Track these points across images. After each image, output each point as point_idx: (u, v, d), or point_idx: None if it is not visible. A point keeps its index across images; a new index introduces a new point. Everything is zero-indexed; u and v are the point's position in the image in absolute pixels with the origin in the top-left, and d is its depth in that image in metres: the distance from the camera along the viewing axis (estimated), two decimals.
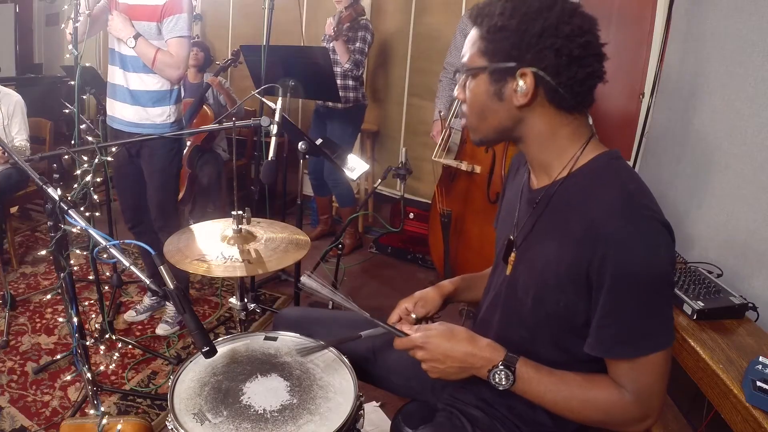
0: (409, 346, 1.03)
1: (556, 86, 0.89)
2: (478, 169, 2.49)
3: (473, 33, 0.95)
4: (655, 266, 0.85)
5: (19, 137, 2.80)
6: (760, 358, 1.22)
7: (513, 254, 1.05)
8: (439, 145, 2.62)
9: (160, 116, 2.19)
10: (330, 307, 2.52)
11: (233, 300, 1.63)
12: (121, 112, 2.19)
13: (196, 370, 1.18)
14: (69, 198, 1.13)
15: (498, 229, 1.19)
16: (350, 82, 3.20)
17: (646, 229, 0.85)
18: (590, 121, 0.98)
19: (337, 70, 3.15)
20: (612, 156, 0.95)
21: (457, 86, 1.02)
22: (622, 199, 0.87)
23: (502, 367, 0.96)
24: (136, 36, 2.04)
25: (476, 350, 0.98)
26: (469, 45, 0.96)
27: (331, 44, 3.17)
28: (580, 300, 0.91)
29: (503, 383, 0.96)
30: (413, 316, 1.20)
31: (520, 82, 0.90)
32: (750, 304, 1.50)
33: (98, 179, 2.38)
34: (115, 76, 2.17)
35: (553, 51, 0.86)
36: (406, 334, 1.05)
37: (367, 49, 3.18)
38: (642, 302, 0.86)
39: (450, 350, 0.99)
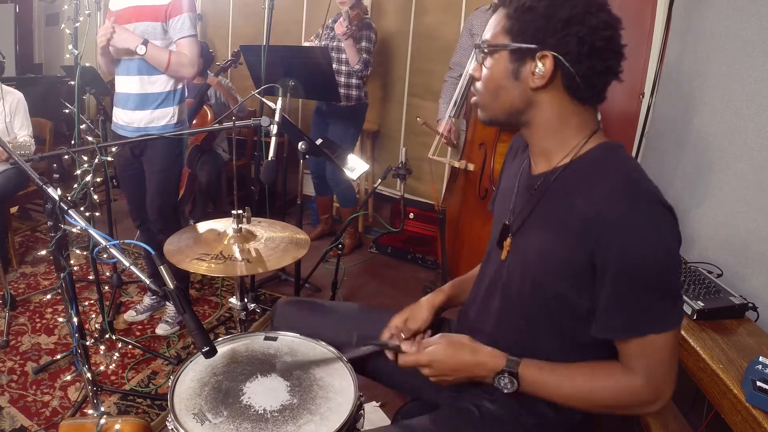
0: (414, 365, 1.06)
1: (575, 74, 0.89)
2: (471, 167, 2.50)
3: (499, 12, 0.96)
4: (661, 250, 0.86)
5: (22, 133, 2.85)
6: (760, 358, 1.22)
7: (508, 239, 1.06)
8: (437, 143, 2.64)
9: (164, 118, 2.20)
10: (331, 296, 2.52)
11: (233, 300, 1.63)
12: (125, 118, 2.20)
13: (196, 370, 1.18)
14: (69, 198, 1.13)
15: (495, 212, 1.20)
16: (354, 81, 3.20)
17: (651, 213, 0.86)
18: (599, 117, 0.99)
19: (342, 68, 3.15)
20: (614, 146, 0.96)
21: (472, 63, 1.02)
22: (625, 186, 0.88)
23: (505, 372, 0.98)
24: (145, 42, 2.05)
25: (481, 359, 1.02)
26: (494, 23, 0.97)
27: (334, 43, 3.16)
28: (583, 286, 0.92)
29: (509, 387, 0.98)
30: (403, 336, 1.22)
31: (539, 64, 0.90)
32: (750, 304, 1.50)
33: (98, 179, 2.38)
34: (123, 84, 2.19)
35: (577, 39, 0.87)
36: (402, 351, 1.09)
37: (372, 47, 3.18)
38: (650, 286, 0.87)
39: (456, 364, 1.03)
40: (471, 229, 2.57)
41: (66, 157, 1.52)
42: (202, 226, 1.58)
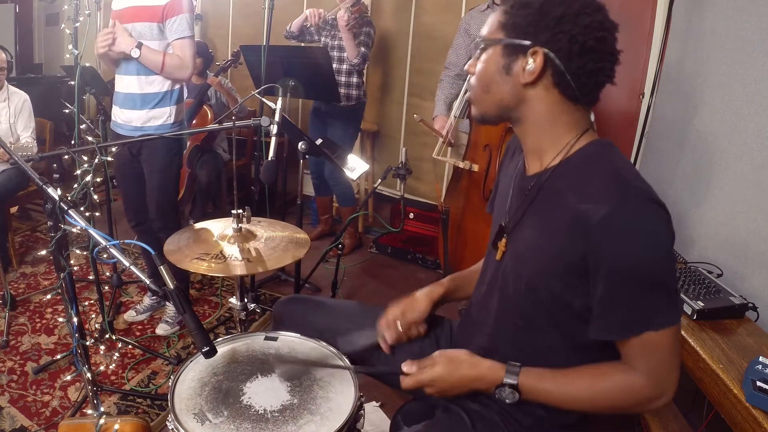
0: (416, 386, 1.06)
1: (565, 71, 0.90)
2: (475, 167, 2.50)
3: (499, 9, 0.98)
4: (654, 246, 0.86)
5: (24, 134, 2.86)
6: (760, 358, 1.22)
7: (503, 240, 1.06)
8: (441, 143, 2.64)
9: (160, 118, 2.20)
10: (331, 295, 2.52)
11: (233, 300, 1.63)
12: (123, 117, 2.21)
13: (197, 370, 1.18)
14: (69, 198, 1.13)
15: (493, 214, 1.20)
16: (354, 80, 3.20)
17: (642, 210, 0.86)
18: (592, 118, 0.99)
19: (343, 67, 3.15)
20: (605, 143, 0.97)
21: (471, 59, 1.03)
22: (616, 183, 0.88)
23: (506, 384, 0.99)
24: (139, 45, 2.06)
25: (481, 373, 1.02)
26: (491, 20, 0.98)
27: (335, 43, 3.16)
28: (576, 285, 0.92)
29: (510, 398, 0.99)
30: (399, 327, 1.22)
31: (530, 60, 0.91)
32: (750, 304, 1.50)
33: (98, 179, 2.38)
34: (121, 83, 2.20)
35: (569, 37, 0.88)
36: (404, 373, 1.08)
37: (371, 43, 3.19)
38: (644, 283, 0.87)
39: (457, 380, 1.04)
40: (474, 230, 2.57)
41: (66, 157, 1.52)
42: (202, 226, 1.58)
